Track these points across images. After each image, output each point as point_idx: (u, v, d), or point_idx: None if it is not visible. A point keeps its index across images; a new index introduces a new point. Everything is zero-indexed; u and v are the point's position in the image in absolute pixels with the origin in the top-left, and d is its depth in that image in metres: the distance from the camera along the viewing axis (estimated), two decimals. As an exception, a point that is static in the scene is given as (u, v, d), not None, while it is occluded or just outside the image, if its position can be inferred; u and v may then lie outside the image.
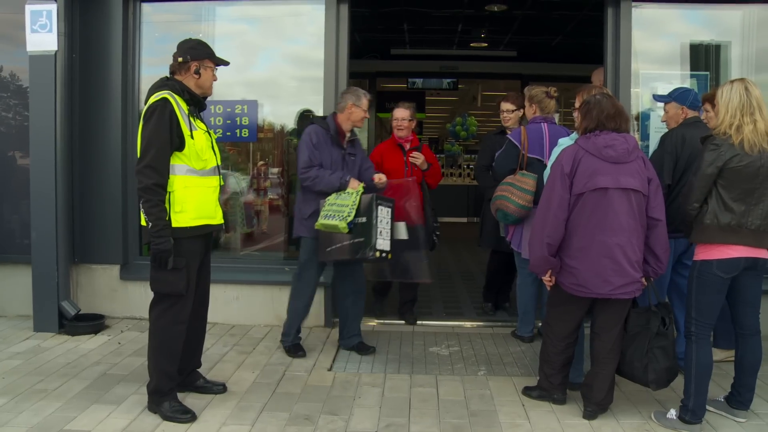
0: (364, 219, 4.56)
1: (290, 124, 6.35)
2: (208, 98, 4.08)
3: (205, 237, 3.92)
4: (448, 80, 13.24)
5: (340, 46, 5.79)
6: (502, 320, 5.99)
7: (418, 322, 5.90)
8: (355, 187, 4.72)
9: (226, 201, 6.42)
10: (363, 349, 5.08)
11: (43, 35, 5.36)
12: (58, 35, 5.38)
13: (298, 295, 5.02)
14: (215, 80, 4.00)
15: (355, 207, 4.59)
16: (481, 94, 15.53)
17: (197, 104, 3.90)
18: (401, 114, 5.62)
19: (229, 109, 5.99)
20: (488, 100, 15.28)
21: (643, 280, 3.77)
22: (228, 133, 6.01)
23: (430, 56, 11.87)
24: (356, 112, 4.94)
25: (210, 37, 6.12)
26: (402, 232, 4.83)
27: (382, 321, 5.94)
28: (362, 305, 5.18)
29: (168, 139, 3.62)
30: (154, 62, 5.96)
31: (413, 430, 3.72)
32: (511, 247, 5.17)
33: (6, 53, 6.04)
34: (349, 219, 4.55)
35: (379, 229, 4.59)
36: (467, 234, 10.10)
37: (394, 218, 4.74)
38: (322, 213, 4.69)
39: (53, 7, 5.36)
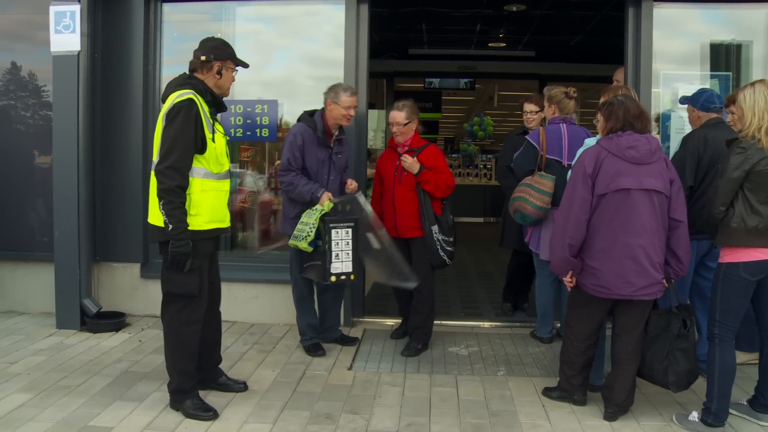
0: (320, 242, 4.65)
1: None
2: (227, 98, 4.09)
3: (215, 239, 3.93)
4: (465, 80, 13.22)
5: (359, 46, 5.80)
6: (520, 321, 5.98)
7: (437, 322, 5.89)
8: (323, 204, 4.71)
9: (244, 199, 6.47)
10: (347, 340, 5.23)
11: (66, 36, 5.42)
12: (81, 36, 5.45)
13: (293, 293, 5.08)
14: (233, 81, 3.99)
15: (315, 227, 4.64)
16: (497, 94, 15.49)
17: (218, 106, 3.90)
18: (394, 117, 4.99)
19: (249, 109, 6.02)
20: (504, 100, 15.24)
21: (665, 281, 3.76)
22: (248, 133, 6.04)
23: (448, 56, 11.86)
24: (335, 109, 4.83)
25: (229, 36, 6.16)
26: (374, 242, 4.81)
27: (398, 320, 5.92)
28: (341, 300, 5.35)
29: (193, 141, 3.60)
30: (173, 62, 6.01)
31: (434, 430, 3.73)
32: (529, 248, 5.16)
33: (26, 53, 6.10)
34: (310, 239, 4.63)
35: (335, 253, 4.62)
36: (485, 234, 10.11)
37: (364, 230, 4.77)
38: (294, 230, 4.76)
39: (77, 8, 5.42)
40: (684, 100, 4.56)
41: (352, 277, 4.72)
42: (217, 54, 3.82)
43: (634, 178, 3.61)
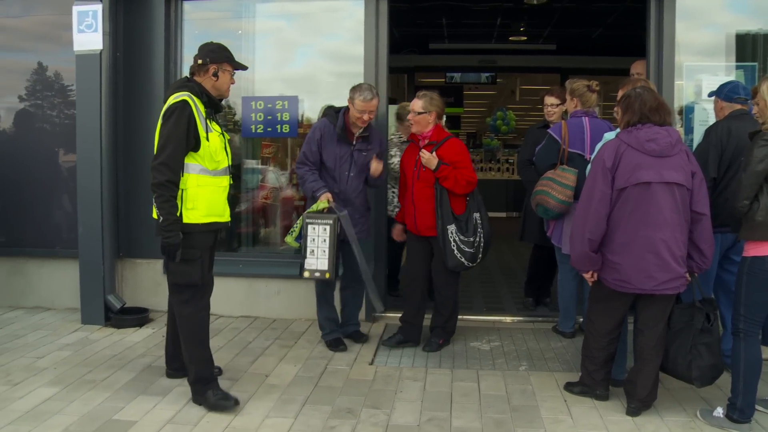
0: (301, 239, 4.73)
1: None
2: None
3: (214, 232, 4.05)
4: (487, 74, 13.14)
5: (379, 41, 5.79)
6: (542, 315, 5.95)
7: (459, 317, 5.88)
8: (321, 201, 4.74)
9: (266, 195, 6.50)
10: (357, 337, 5.22)
11: (89, 35, 5.49)
12: (103, 35, 5.51)
13: (315, 286, 5.13)
14: (233, 83, 4.11)
15: (299, 224, 4.73)
16: (519, 88, 15.39)
17: (214, 106, 4.05)
18: (411, 105, 4.93)
19: (270, 105, 6.04)
20: (526, 94, 15.14)
21: (688, 275, 3.72)
22: (269, 129, 6.07)
23: (469, 50, 11.80)
24: (351, 110, 4.86)
25: (249, 33, 6.21)
26: (359, 256, 4.75)
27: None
28: (361, 296, 5.32)
29: (184, 139, 3.77)
30: (194, 60, 6.05)
31: (455, 425, 3.73)
32: (552, 242, 5.13)
33: (51, 53, 6.18)
34: (295, 234, 4.75)
35: (310, 249, 4.65)
36: (506, 229, 10.03)
37: (350, 238, 4.69)
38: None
39: (99, 8, 5.48)
40: (712, 93, 4.52)
41: (327, 276, 4.67)
42: (213, 57, 3.98)
43: (654, 171, 3.57)
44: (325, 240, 4.63)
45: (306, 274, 4.70)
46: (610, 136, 4.07)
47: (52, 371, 4.46)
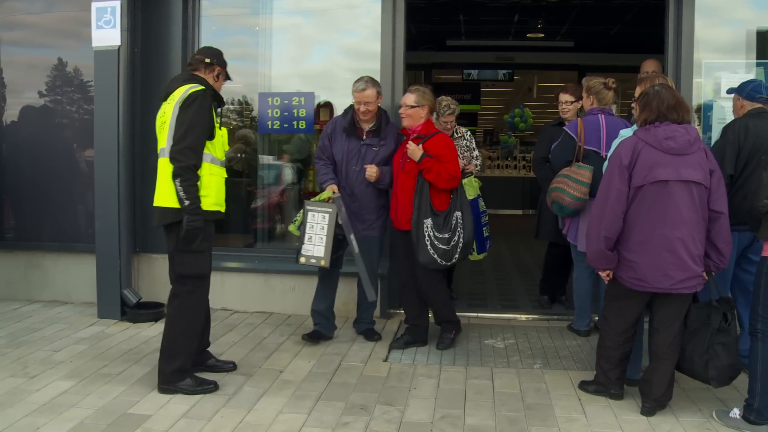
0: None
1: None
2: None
3: (215, 222, 4.14)
4: (504, 71, 13.10)
5: (396, 38, 5.79)
6: (558, 313, 5.93)
7: (474, 314, 5.89)
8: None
9: (282, 192, 6.52)
10: (370, 335, 5.22)
11: (107, 31, 5.54)
12: (121, 31, 5.56)
13: None
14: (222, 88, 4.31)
15: (302, 213, 4.82)
16: (536, 86, 15.33)
17: (218, 101, 4.18)
18: (403, 99, 4.92)
19: (286, 101, 6.06)
20: (544, 92, 15.07)
21: (704, 274, 3.68)
22: (285, 125, 6.08)
23: (486, 47, 11.76)
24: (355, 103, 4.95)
25: (266, 29, 6.23)
26: (354, 246, 4.76)
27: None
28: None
29: (208, 125, 3.90)
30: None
31: (468, 422, 3.72)
32: (567, 239, 5.11)
33: (71, 50, 6.23)
34: (297, 223, 4.86)
35: (308, 235, 4.72)
36: (523, 226, 10.02)
37: (344, 227, 4.73)
38: None
39: (117, 4, 5.53)
40: (731, 90, 4.47)
41: (322, 262, 4.71)
42: (220, 60, 4.19)
43: (672, 169, 3.54)
44: (323, 228, 4.69)
45: (302, 259, 4.74)
46: (626, 133, 4.03)
47: (69, 364, 4.51)
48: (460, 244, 4.70)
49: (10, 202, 6.42)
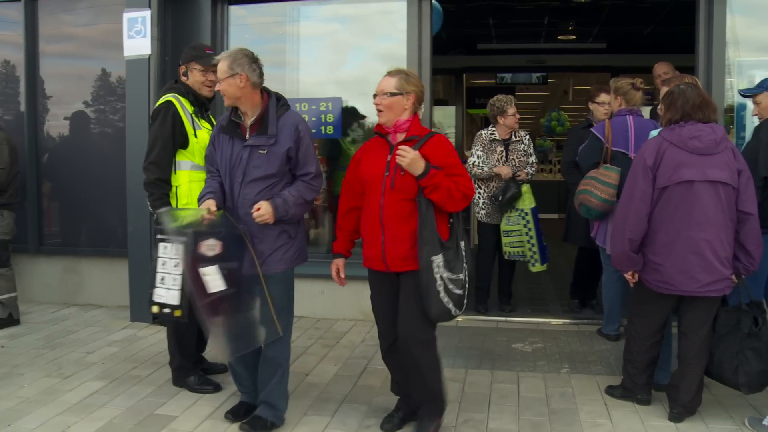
0: None
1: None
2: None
3: None
4: (538, 74, 12.98)
5: (422, 42, 5.80)
6: (588, 318, 5.86)
7: (503, 318, 5.85)
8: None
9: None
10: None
11: (138, 40, 5.67)
12: (151, 40, 5.68)
13: None
14: (205, 82, 4.16)
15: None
16: (572, 89, 15.16)
17: (201, 105, 4.20)
18: (379, 86, 3.47)
19: (314, 107, 6.10)
20: (580, 95, 14.89)
21: (734, 277, 3.61)
22: (313, 130, 6.11)
23: (517, 50, 11.67)
24: None
25: (294, 36, 6.29)
26: (214, 282, 3.32)
27: (466, 317, 5.89)
28: None
29: (170, 138, 3.98)
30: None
31: (491, 426, 3.70)
32: (596, 242, 5.05)
33: (115, 60, 6.30)
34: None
35: (160, 276, 3.43)
36: (557, 230, 9.89)
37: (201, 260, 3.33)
38: None
39: (147, 14, 5.65)
40: (750, 90, 4.32)
41: (176, 313, 3.38)
42: (183, 58, 4.21)
43: (697, 169, 3.48)
44: (176, 265, 3.36)
45: (154, 308, 3.46)
46: (656, 134, 3.98)
47: (101, 366, 4.62)
48: (467, 284, 3.42)
49: (50, 210, 6.60)
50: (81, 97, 6.49)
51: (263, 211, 3.37)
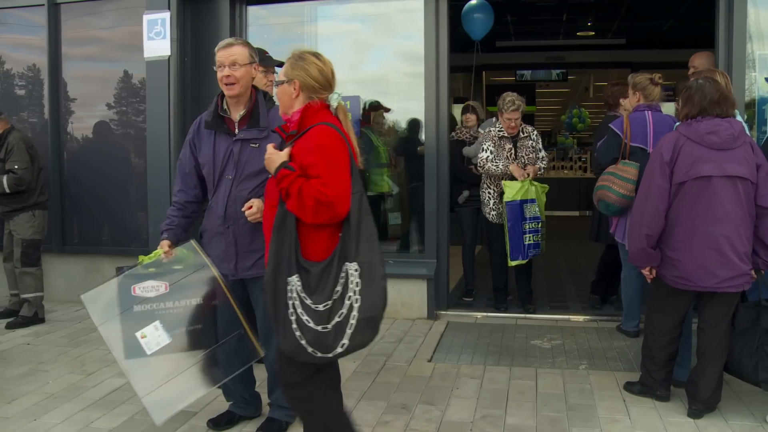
0: None
1: (398, 118, 6.46)
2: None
3: None
4: (557, 71, 12.94)
5: (440, 40, 5.81)
6: (608, 314, 5.83)
7: (522, 315, 5.85)
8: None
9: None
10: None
11: (158, 42, 5.75)
12: (171, 41, 5.75)
13: None
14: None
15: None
16: (593, 85, 15.08)
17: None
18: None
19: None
20: (600, 91, 14.80)
21: (753, 272, 3.58)
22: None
23: (536, 47, 11.64)
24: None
25: (312, 36, 6.32)
26: (155, 340, 3.15)
27: (485, 314, 5.90)
28: None
29: None
30: (261, 64, 6.21)
31: (509, 422, 3.71)
32: (615, 238, 5.02)
33: (137, 62, 6.36)
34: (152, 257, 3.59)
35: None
36: (578, 227, 9.88)
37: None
38: None
39: (167, 15, 5.73)
40: None
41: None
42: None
43: (715, 164, 3.45)
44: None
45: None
46: None
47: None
48: (353, 323, 2.57)
49: (73, 210, 6.70)
50: (104, 99, 6.58)
51: (255, 209, 3.20)
